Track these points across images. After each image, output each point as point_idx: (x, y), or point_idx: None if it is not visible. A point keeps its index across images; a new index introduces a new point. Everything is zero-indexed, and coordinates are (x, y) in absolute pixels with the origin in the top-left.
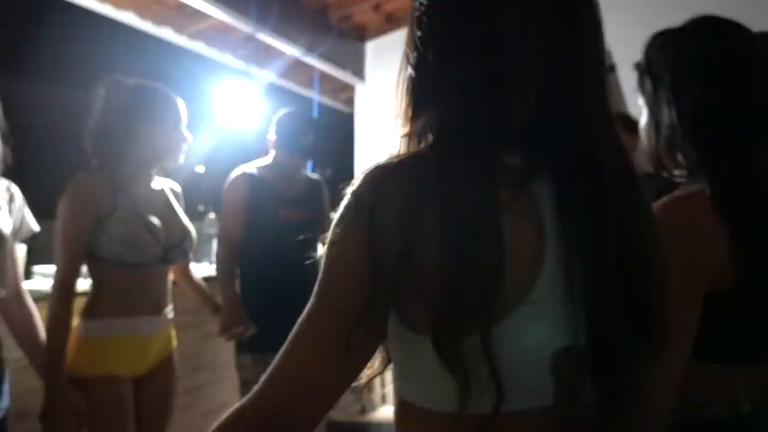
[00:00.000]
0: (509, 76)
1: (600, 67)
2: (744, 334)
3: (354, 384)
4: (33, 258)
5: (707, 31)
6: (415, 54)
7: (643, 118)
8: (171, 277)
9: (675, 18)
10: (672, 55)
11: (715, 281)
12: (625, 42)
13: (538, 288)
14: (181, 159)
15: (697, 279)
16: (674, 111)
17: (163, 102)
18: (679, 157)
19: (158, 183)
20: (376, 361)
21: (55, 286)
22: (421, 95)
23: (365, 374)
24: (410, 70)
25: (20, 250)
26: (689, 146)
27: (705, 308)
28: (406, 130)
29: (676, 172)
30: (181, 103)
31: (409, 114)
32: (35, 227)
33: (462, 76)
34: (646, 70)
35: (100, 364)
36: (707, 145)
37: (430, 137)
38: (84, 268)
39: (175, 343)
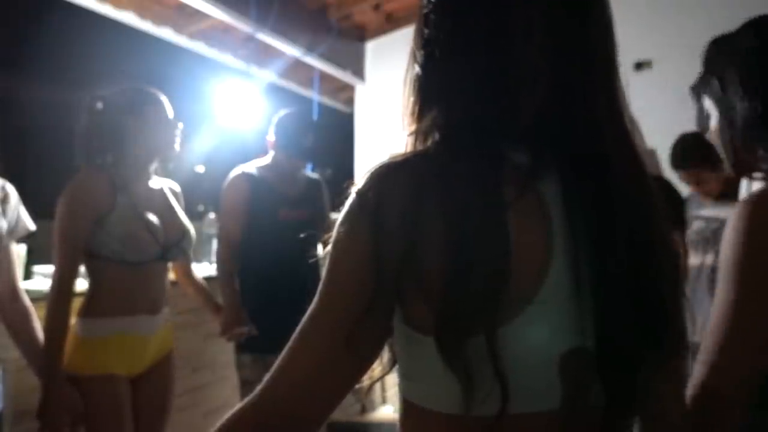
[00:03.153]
0: (516, 74)
1: (611, 64)
2: None
3: (356, 386)
4: (33, 258)
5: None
6: (422, 52)
7: (713, 120)
8: (171, 276)
9: (676, 17)
10: (737, 55)
11: None
12: (624, 42)
13: (546, 288)
14: (178, 147)
15: None
16: (748, 108)
17: (149, 101)
18: (760, 152)
19: (157, 182)
20: (381, 362)
21: (53, 285)
22: (428, 93)
23: (369, 376)
24: (417, 69)
25: (20, 250)
26: (767, 140)
27: None
28: (413, 128)
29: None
30: (164, 97)
31: (416, 112)
32: (31, 226)
33: (469, 73)
34: (710, 72)
35: (98, 363)
36: None
37: (436, 135)
38: (82, 268)
39: (173, 342)
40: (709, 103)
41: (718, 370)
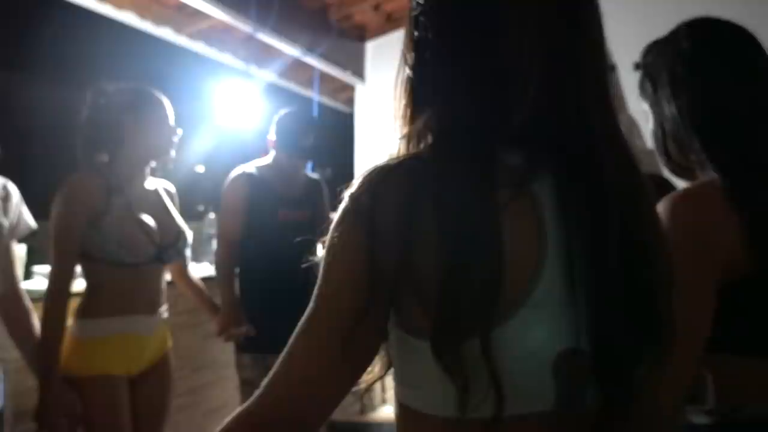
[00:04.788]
0: (508, 75)
1: (602, 64)
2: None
3: (354, 387)
4: (33, 258)
5: (698, 29)
6: (413, 54)
7: (650, 122)
8: (167, 277)
9: (676, 17)
10: (667, 55)
11: (728, 271)
12: (624, 42)
13: (540, 290)
14: (173, 153)
15: (708, 270)
16: (675, 108)
17: (149, 101)
18: (692, 156)
19: (152, 183)
20: (377, 365)
21: (49, 286)
22: (420, 96)
23: (365, 379)
24: (408, 71)
25: (20, 250)
26: (694, 140)
27: (729, 300)
28: (405, 131)
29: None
30: (166, 99)
31: (408, 115)
32: (33, 225)
33: (460, 75)
34: (645, 74)
35: (96, 364)
36: (712, 137)
37: (429, 138)
38: (79, 269)
39: (170, 342)
40: (645, 106)
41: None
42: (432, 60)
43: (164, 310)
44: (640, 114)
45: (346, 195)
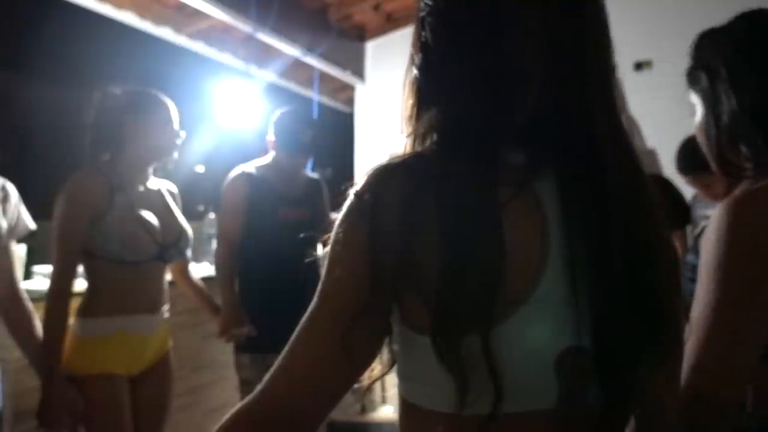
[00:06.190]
0: (512, 75)
1: (606, 65)
2: None
3: (356, 385)
4: (33, 258)
5: (758, 21)
6: (420, 55)
7: (698, 116)
8: (169, 276)
9: (676, 17)
10: (725, 48)
11: None
12: (624, 42)
13: (542, 288)
14: (176, 155)
15: (763, 278)
16: (735, 103)
17: (152, 102)
18: (743, 149)
19: (155, 183)
20: (379, 362)
21: (51, 285)
22: (426, 95)
23: (369, 376)
24: (415, 71)
25: (20, 250)
26: (756, 136)
27: None
28: (411, 130)
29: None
30: (170, 103)
31: (414, 114)
32: (31, 225)
33: (465, 75)
34: (699, 66)
35: (98, 363)
36: None
37: (434, 137)
38: (81, 268)
39: (171, 342)
40: (695, 98)
41: (707, 372)
42: (438, 60)
43: (165, 310)
44: (640, 114)
45: (351, 192)
